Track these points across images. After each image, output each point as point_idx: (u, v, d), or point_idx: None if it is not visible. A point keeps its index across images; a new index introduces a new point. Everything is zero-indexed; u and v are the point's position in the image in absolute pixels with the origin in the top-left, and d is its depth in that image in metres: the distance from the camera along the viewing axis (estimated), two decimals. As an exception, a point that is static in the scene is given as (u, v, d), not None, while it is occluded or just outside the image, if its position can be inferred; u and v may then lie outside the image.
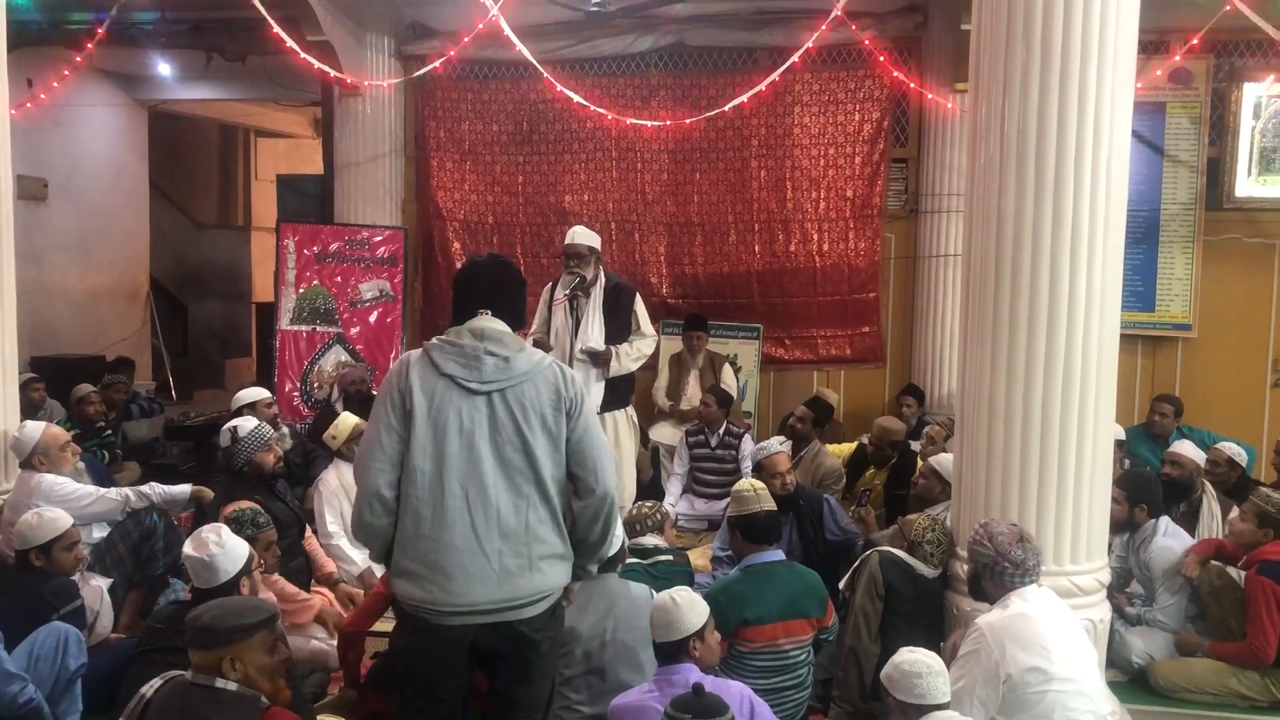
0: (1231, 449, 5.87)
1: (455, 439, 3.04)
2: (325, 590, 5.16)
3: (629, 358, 6.13)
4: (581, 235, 6.14)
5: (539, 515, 3.08)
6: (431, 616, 3.04)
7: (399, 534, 3.08)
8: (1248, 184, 7.73)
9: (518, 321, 3.29)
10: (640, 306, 6.32)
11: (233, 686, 2.81)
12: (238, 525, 4.06)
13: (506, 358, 3.10)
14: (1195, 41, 6.93)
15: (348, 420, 5.78)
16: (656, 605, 3.42)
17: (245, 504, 4.45)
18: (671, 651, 3.37)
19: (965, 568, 3.62)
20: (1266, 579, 4.42)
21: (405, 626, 3.16)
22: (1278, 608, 4.40)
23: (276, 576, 4.76)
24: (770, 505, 4.18)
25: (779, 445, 5.61)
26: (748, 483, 4.36)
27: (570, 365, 5.90)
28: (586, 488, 3.14)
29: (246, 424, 5.13)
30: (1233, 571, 4.69)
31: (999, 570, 3.49)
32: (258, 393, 6.50)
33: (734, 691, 3.34)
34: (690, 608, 3.39)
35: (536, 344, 6.08)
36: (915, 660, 3.12)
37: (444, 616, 3.03)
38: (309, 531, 5.43)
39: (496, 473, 3.05)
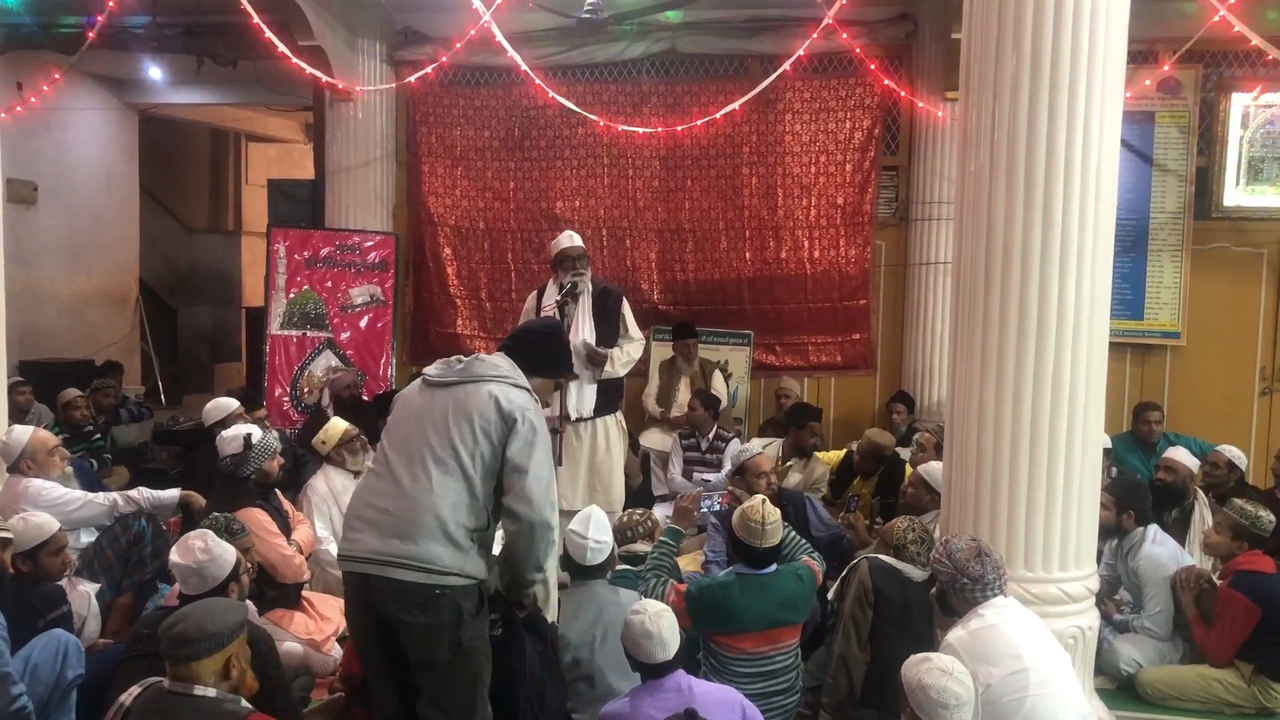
0: (1232, 452, 5.92)
1: (407, 422, 3.40)
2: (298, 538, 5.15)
3: (619, 361, 6.12)
4: (576, 238, 6.16)
5: (444, 493, 3.26)
6: (340, 564, 3.38)
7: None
8: (1236, 193, 7.77)
9: (528, 363, 3.54)
10: (627, 309, 6.31)
11: (211, 693, 2.81)
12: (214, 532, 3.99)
13: (469, 362, 3.44)
14: (1184, 50, 6.96)
15: (337, 425, 5.75)
16: (635, 628, 3.34)
17: (245, 511, 4.46)
18: (654, 672, 3.34)
19: (939, 591, 3.58)
20: (1239, 593, 4.47)
21: None
22: (1243, 621, 4.45)
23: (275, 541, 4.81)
24: (772, 541, 4.07)
25: (760, 447, 5.62)
26: (758, 512, 4.05)
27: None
28: (510, 512, 3.33)
29: (257, 431, 5.12)
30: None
31: (960, 586, 3.43)
32: (230, 403, 6.34)
33: (726, 698, 3.34)
34: (673, 637, 3.35)
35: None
36: (946, 690, 2.92)
37: (344, 562, 3.35)
38: (288, 505, 5.40)
39: (422, 450, 3.30)
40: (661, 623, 3.34)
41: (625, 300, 6.32)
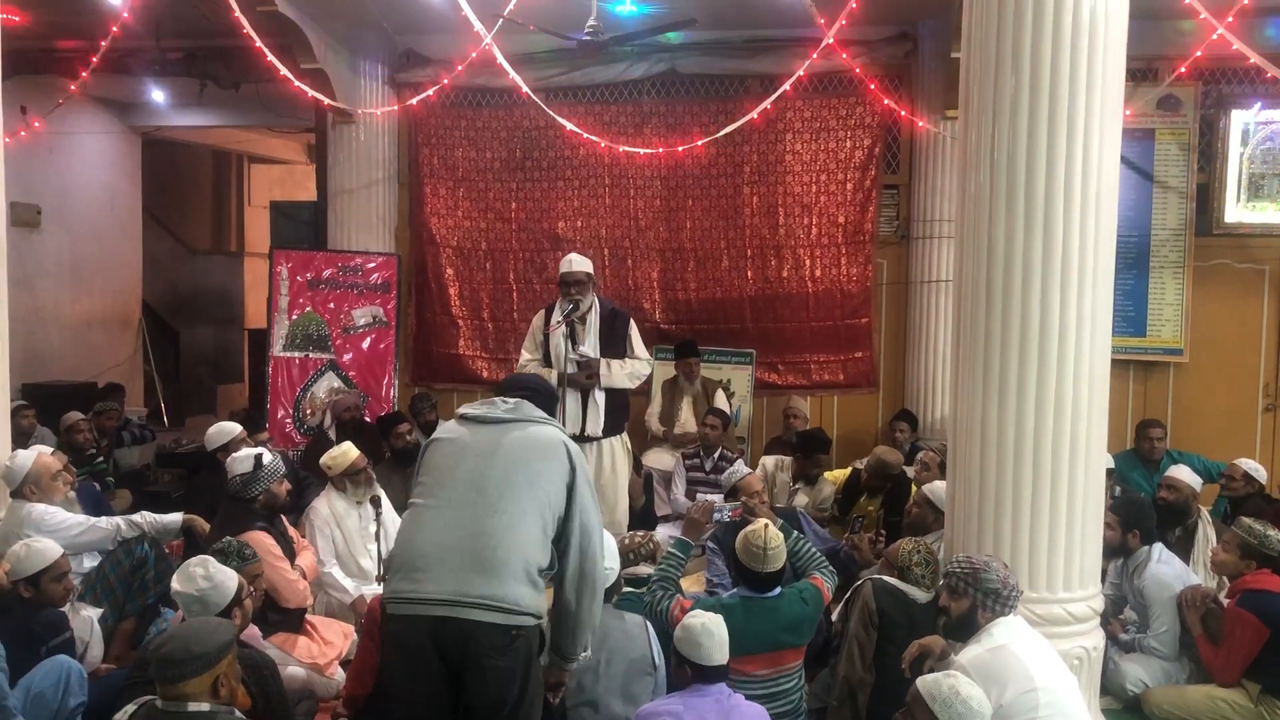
0: (1249, 464, 5.97)
1: (469, 458, 3.28)
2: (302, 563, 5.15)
3: (621, 370, 6.10)
4: (579, 263, 6.17)
5: (525, 530, 3.17)
6: (398, 608, 3.15)
7: (395, 550, 3.29)
8: (1237, 210, 7.78)
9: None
10: (634, 330, 6.33)
11: (205, 707, 2.81)
12: (223, 557, 3.99)
13: (518, 403, 3.42)
14: (1183, 69, 6.99)
15: (348, 453, 5.69)
16: (695, 630, 3.48)
17: (250, 534, 4.48)
18: (707, 675, 3.46)
19: (954, 602, 3.55)
20: (1247, 612, 4.45)
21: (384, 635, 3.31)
22: (1251, 640, 4.43)
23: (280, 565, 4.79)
24: (775, 566, 4.06)
25: (751, 467, 5.65)
26: (761, 537, 4.05)
27: (564, 387, 5.86)
28: (580, 572, 3.29)
29: (268, 454, 5.12)
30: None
31: (1005, 595, 3.46)
32: (233, 428, 6.31)
33: (760, 714, 3.48)
34: (726, 643, 3.53)
35: (568, 375, 5.96)
36: (984, 701, 2.98)
37: (407, 606, 3.13)
38: (293, 531, 5.42)
39: (500, 487, 3.20)
40: (719, 626, 3.49)
41: (633, 322, 6.33)
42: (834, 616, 4.40)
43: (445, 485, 3.26)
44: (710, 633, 3.46)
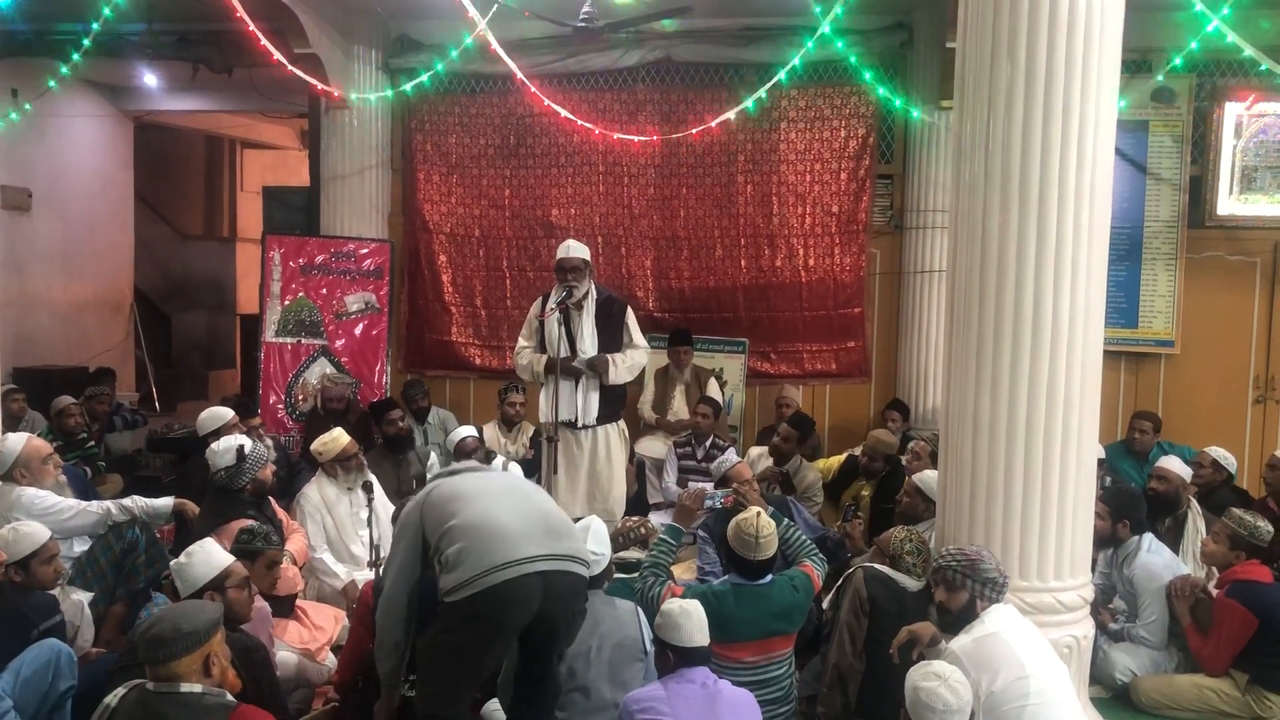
0: (1217, 452, 6.02)
1: (489, 481, 3.75)
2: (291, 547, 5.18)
3: (624, 366, 6.11)
4: (575, 249, 6.16)
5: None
6: (504, 573, 3.30)
7: (447, 569, 3.38)
8: (1229, 202, 7.78)
9: None
10: (631, 318, 6.33)
11: (197, 689, 2.81)
12: (250, 535, 4.22)
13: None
14: (1178, 61, 6.98)
15: (340, 439, 5.69)
16: (673, 614, 3.49)
17: (240, 524, 4.52)
18: (688, 658, 3.46)
19: (951, 596, 3.58)
20: (1236, 602, 4.48)
21: (453, 619, 3.36)
22: (1240, 630, 4.46)
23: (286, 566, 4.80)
24: (767, 554, 4.06)
25: (741, 456, 5.64)
26: (753, 525, 4.04)
27: (559, 375, 5.86)
28: None
29: (248, 442, 5.12)
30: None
31: (1001, 584, 3.51)
32: (225, 413, 6.27)
33: (747, 699, 3.50)
34: (705, 626, 3.54)
35: (560, 360, 5.99)
36: (934, 693, 2.96)
37: (515, 568, 3.31)
38: (283, 514, 5.44)
39: (529, 490, 3.82)
40: (697, 608, 3.52)
41: (630, 310, 6.32)
42: (825, 604, 4.41)
43: (484, 494, 3.58)
44: (689, 614, 3.48)
